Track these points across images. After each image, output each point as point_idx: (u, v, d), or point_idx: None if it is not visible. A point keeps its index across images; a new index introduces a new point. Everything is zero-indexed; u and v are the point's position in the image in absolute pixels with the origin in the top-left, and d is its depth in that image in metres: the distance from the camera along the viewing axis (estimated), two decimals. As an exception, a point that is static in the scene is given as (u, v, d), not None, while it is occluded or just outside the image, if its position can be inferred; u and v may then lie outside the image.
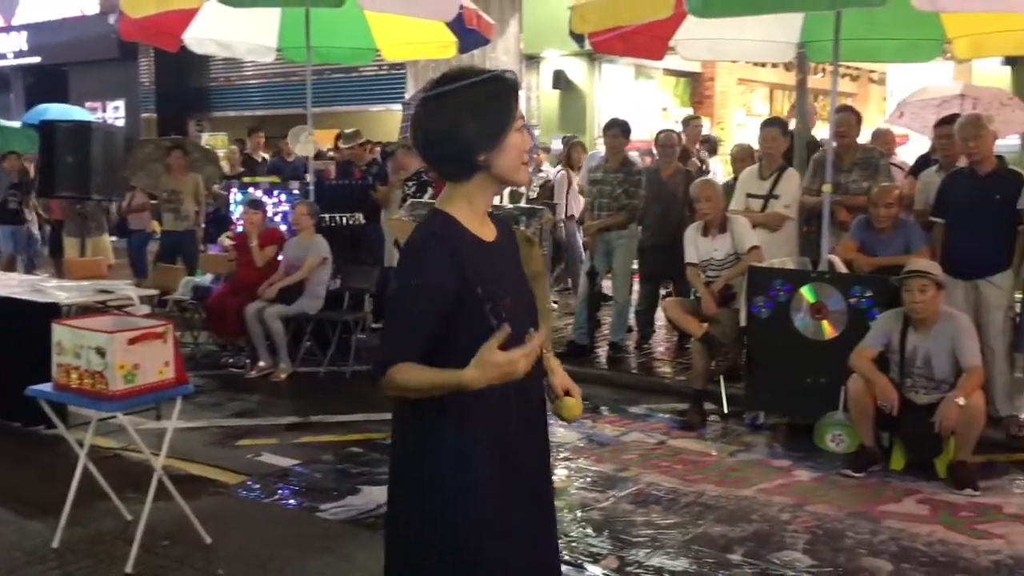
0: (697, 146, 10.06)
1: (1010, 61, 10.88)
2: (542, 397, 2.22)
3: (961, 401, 4.76)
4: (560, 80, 13.52)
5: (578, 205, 9.44)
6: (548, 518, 2.27)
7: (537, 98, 14.32)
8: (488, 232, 2.12)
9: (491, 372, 1.87)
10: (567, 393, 2.26)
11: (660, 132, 8.34)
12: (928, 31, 6.89)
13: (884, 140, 8.36)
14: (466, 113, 1.98)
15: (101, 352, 3.73)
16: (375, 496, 4.74)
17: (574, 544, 4.17)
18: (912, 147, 10.33)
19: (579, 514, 4.52)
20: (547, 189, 10.25)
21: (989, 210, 5.56)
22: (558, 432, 5.53)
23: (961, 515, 4.55)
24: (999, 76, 11.01)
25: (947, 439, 4.92)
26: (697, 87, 14.91)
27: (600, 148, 9.37)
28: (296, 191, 8.49)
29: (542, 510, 2.23)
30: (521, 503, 2.11)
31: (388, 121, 13.44)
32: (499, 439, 2.06)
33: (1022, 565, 3.99)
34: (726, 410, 6.19)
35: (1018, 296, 5.99)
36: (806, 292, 5.67)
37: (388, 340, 2.01)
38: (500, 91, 2.02)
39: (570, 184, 9.78)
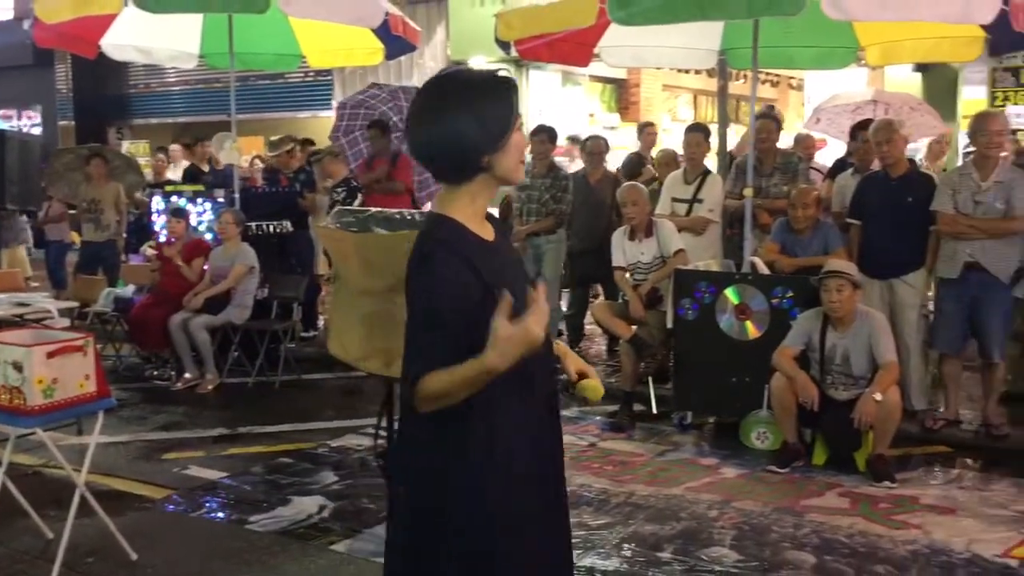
0: (651, 154, 9.99)
1: (921, 68, 11.28)
2: (557, 397, 2.20)
3: (878, 397, 4.93)
4: (488, 86, 13.57)
5: None
6: (564, 523, 2.26)
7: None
8: (488, 232, 2.09)
9: (509, 347, 1.81)
10: (582, 376, 2.24)
11: (588, 138, 8.45)
12: (842, 39, 7.12)
13: (805, 145, 8.61)
14: (470, 115, 1.95)
15: (18, 366, 3.63)
16: (306, 506, 4.70)
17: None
18: (831, 151, 10.63)
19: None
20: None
21: (902, 212, 5.76)
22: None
23: (880, 507, 4.70)
24: (910, 83, 11.41)
25: (866, 433, 5.09)
26: (623, 93, 15.10)
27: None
28: (221, 199, 8.36)
29: (559, 516, 2.22)
30: (542, 511, 2.11)
31: (316, 128, 13.28)
32: (526, 450, 2.04)
33: (938, 554, 4.15)
34: (655, 411, 6.29)
35: (930, 295, 6.22)
36: (730, 294, 5.80)
37: (417, 357, 1.93)
38: (501, 91, 2.00)
39: None
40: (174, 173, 11.34)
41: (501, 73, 2.05)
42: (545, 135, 7.65)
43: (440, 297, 1.92)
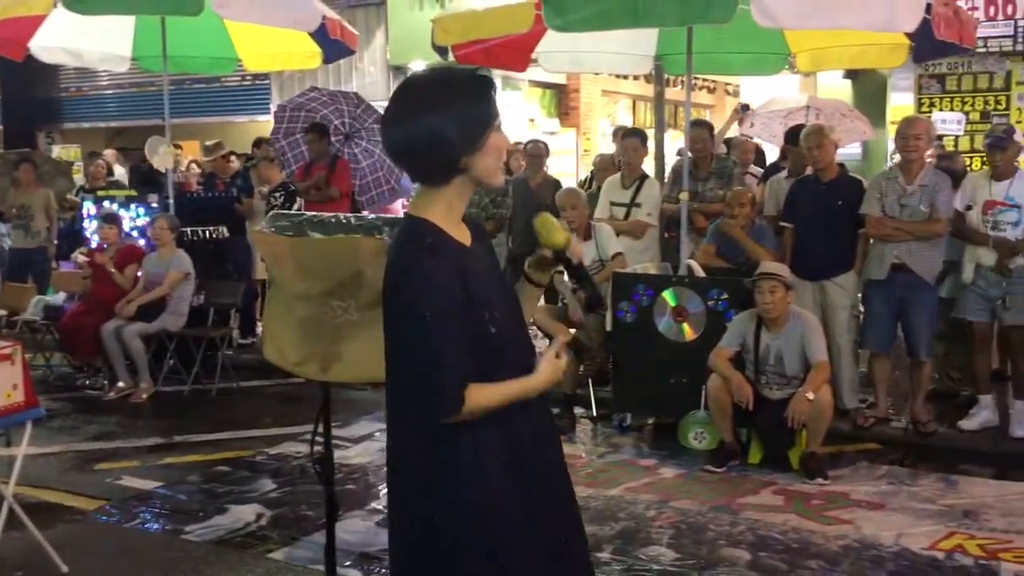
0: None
1: (850, 75, 11.55)
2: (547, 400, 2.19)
3: (810, 395, 5.03)
4: (428, 91, 13.53)
5: None
6: (573, 518, 2.21)
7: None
8: (465, 236, 2.05)
9: (557, 372, 2.04)
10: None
11: (528, 142, 8.49)
12: (773, 46, 7.26)
13: (743, 150, 8.76)
14: (448, 116, 1.92)
15: (-59, 376, 3.53)
16: (243, 515, 4.65)
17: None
18: (766, 156, 10.83)
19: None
20: None
21: (833, 215, 5.91)
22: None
23: (813, 503, 4.81)
24: (841, 89, 11.66)
25: (799, 432, 5.20)
26: (563, 98, 15.19)
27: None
28: (155, 204, 8.21)
29: (566, 511, 2.18)
30: (543, 508, 2.06)
31: (253, 132, 13.12)
32: (515, 446, 2.02)
33: (868, 548, 4.25)
34: (595, 413, 6.34)
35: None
36: (668, 296, 5.88)
37: (441, 373, 1.88)
38: (480, 91, 1.97)
39: None
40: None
41: (481, 72, 2.02)
42: (484, 140, 7.65)
43: (434, 310, 1.89)
